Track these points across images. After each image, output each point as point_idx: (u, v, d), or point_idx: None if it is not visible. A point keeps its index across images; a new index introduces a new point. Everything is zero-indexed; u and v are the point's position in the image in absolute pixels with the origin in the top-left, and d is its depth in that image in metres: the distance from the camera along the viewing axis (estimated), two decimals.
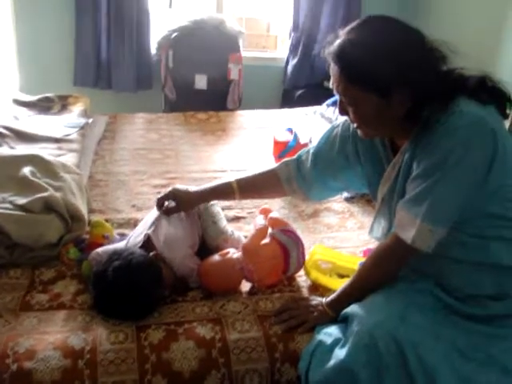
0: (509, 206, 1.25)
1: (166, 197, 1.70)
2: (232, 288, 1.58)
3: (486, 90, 1.27)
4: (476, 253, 1.28)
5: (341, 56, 1.25)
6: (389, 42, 1.23)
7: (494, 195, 1.24)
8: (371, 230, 1.52)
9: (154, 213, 1.70)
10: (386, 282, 1.36)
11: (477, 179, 1.21)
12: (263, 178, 1.72)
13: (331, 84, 1.32)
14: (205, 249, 1.70)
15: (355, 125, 1.36)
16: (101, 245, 1.65)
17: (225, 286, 1.57)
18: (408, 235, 1.27)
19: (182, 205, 1.69)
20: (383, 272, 1.37)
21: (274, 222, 1.68)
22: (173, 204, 1.69)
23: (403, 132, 1.33)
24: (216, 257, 1.59)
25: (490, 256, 1.27)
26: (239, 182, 1.70)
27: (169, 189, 1.72)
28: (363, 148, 1.50)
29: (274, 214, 1.73)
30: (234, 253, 1.59)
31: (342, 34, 1.27)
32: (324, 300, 1.44)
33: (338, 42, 1.27)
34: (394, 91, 1.23)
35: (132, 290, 1.41)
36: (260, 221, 1.69)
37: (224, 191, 1.71)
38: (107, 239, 1.71)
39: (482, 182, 1.21)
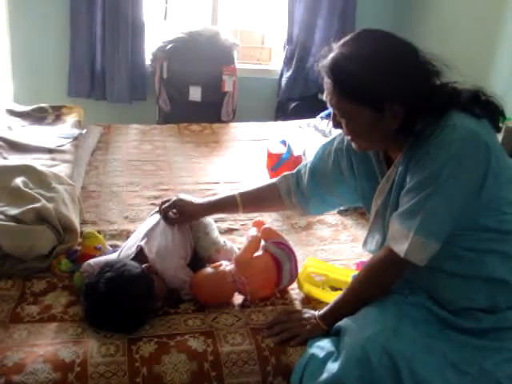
0: (502, 219, 1.25)
1: (170, 207, 1.69)
2: (224, 300, 1.57)
3: (479, 103, 1.27)
4: (470, 266, 1.28)
5: (334, 70, 1.26)
6: (382, 56, 1.23)
7: (488, 208, 1.24)
8: (365, 244, 1.51)
9: (146, 224, 1.70)
10: (379, 295, 1.36)
11: (470, 193, 1.21)
12: (264, 191, 1.72)
13: (325, 97, 1.32)
14: (197, 260, 1.69)
15: (349, 137, 1.36)
16: (93, 256, 1.64)
17: (217, 299, 1.56)
18: (401, 248, 1.26)
19: (186, 216, 1.68)
20: (376, 285, 1.37)
21: (268, 234, 1.67)
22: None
23: (397, 145, 1.34)
24: (208, 269, 1.58)
25: (485, 269, 1.26)
26: (242, 195, 1.70)
27: (173, 198, 1.71)
28: (357, 161, 1.50)
29: (267, 227, 1.73)
30: (226, 265, 1.58)
31: (336, 48, 1.28)
32: (317, 313, 1.43)
33: (331, 55, 1.27)
34: (387, 105, 1.24)
35: (124, 302, 1.40)
36: (253, 233, 1.68)
37: (228, 204, 1.71)
38: (99, 251, 1.70)
39: (476, 195, 1.22)
